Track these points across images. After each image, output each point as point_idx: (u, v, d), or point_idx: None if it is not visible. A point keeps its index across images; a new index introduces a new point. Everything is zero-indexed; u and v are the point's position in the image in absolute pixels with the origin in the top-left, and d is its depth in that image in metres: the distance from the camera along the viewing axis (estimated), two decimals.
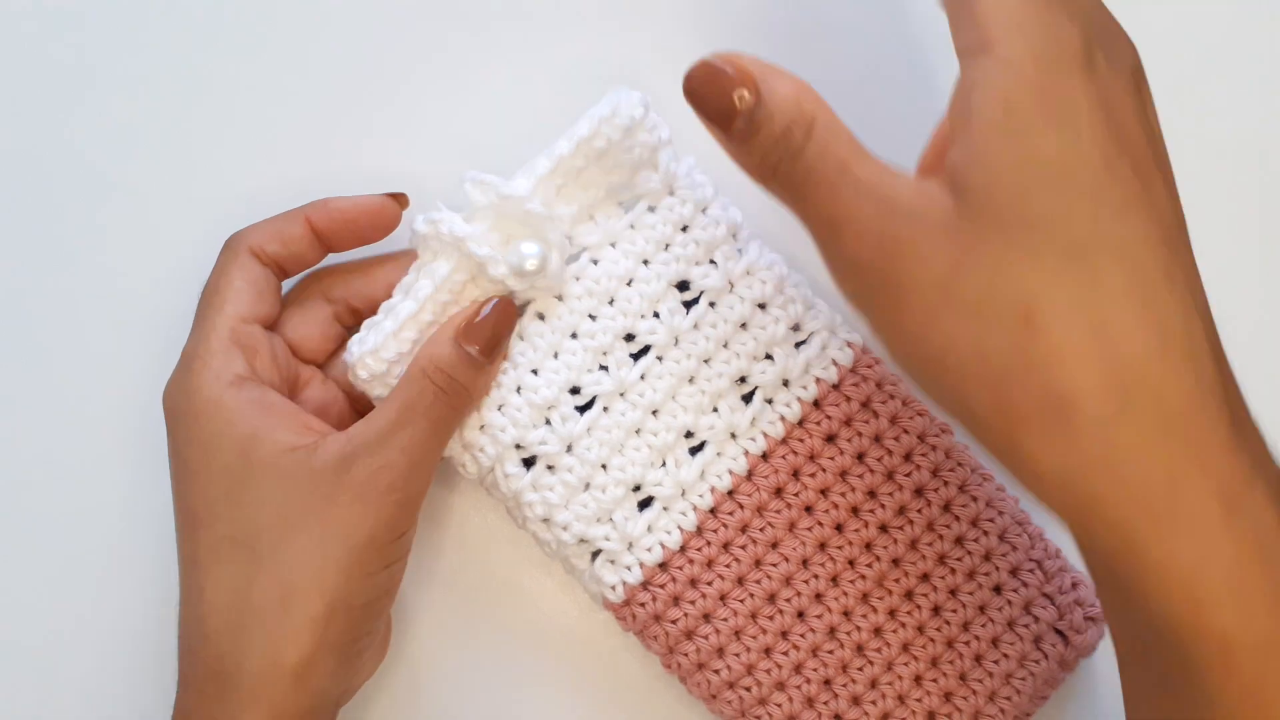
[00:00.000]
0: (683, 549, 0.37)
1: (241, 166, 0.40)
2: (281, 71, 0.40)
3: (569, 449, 0.37)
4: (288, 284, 0.39)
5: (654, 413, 0.37)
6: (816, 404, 0.37)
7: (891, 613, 0.37)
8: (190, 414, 0.35)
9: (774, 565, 0.37)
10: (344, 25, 0.40)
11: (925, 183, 0.27)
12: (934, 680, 0.37)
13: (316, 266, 0.38)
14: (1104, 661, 0.39)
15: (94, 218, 0.41)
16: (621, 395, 0.37)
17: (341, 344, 0.39)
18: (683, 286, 0.37)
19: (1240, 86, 0.40)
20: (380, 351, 0.36)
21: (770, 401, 0.37)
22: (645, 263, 0.37)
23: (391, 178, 0.39)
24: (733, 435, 0.37)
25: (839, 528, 0.37)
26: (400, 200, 0.38)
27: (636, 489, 0.37)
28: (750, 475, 0.37)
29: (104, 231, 0.41)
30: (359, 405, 0.39)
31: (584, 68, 0.40)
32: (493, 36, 0.40)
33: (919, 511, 0.37)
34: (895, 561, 0.37)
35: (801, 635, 0.37)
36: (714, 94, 0.28)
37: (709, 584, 0.37)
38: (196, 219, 0.40)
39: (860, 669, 0.37)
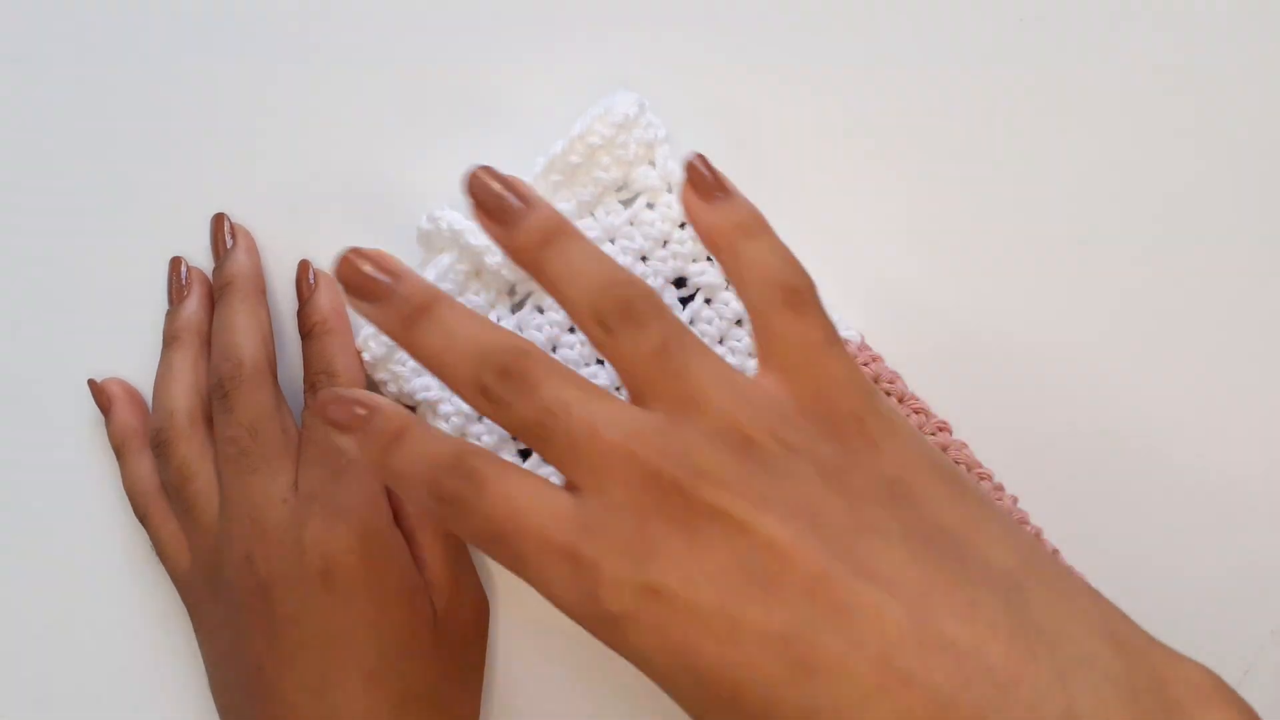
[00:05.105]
0: None
1: (250, 171, 0.41)
2: (292, 77, 0.41)
3: None
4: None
5: None
6: None
7: None
8: (367, 562, 0.36)
9: None
10: (352, 34, 0.41)
11: None
12: None
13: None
14: None
15: (101, 220, 0.42)
16: (617, 389, 0.38)
17: None
18: (679, 283, 0.38)
19: (1239, 86, 0.40)
20: (381, 334, 0.37)
21: None
22: (643, 259, 0.38)
23: (401, 184, 0.40)
24: None
25: None
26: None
27: None
28: None
29: (114, 234, 0.42)
30: None
31: (598, 77, 0.40)
32: (504, 45, 0.41)
33: None
34: None
35: None
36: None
37: None
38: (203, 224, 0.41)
39: None
